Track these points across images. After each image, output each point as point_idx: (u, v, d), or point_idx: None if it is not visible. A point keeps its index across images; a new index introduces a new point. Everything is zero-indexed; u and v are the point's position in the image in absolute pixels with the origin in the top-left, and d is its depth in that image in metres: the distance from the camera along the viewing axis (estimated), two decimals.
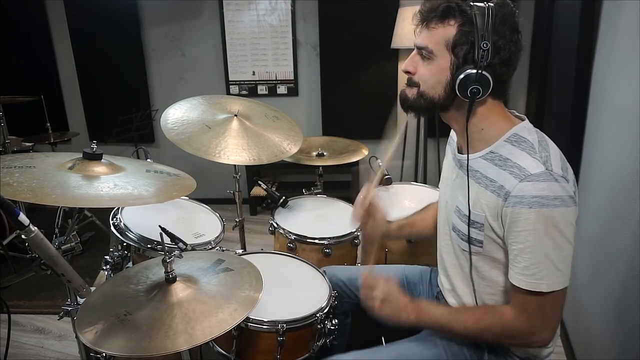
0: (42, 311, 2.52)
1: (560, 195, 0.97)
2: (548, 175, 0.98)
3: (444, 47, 1.03)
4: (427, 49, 1.05)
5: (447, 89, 1.05)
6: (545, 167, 0.99)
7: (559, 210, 0.96)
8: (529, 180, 0.98)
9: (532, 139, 1.05)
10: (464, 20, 1.00)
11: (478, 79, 1.00)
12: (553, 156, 1.02)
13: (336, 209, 2.10)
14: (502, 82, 1.05)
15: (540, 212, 0.96)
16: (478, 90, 1.00)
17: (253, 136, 1.85)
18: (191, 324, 1.07)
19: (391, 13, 3.15)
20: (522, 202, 0.97)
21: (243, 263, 1.35)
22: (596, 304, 1.78)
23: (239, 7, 3.62)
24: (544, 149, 1.03)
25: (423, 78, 1.08)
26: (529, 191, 0.97)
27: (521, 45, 1.03)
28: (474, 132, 1.10)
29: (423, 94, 1.09)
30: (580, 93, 2.00)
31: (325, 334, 1.42)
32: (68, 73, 3.95)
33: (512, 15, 1.01)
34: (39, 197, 1.00)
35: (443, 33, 1.02)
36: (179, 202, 1.92)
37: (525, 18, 3.28)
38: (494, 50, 0.98)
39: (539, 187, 0.97)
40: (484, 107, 1.08)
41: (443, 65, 1.04)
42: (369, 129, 3.66)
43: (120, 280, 1.27)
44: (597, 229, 1.80)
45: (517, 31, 1.02)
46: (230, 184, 2.03)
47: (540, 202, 0.96)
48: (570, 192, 0.99)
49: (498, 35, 0.98)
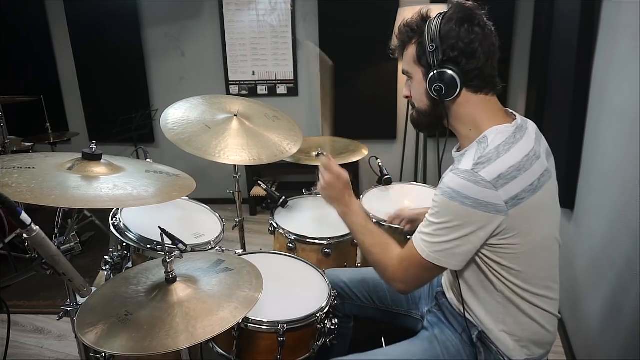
0: (42, 311, 2.52)
1: (470, 196, 0.99)
2: (470, 174, 1.00)
3: (413, 63, 1.15)
4: (405, 71, 1.19)
5: (428, 97, 1.14)
6: (472, 167, 1.01)
7: (466, 209, 1.00)
8: (454, 173, 1.04)
9: (492, 140, 1.06)
10: (419, 35, 1.12)
11: (438, 78, 1.08)
12: (499, 163, 1.01)
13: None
14: (478, 74, 1.07)
15: (447, 202, 1.02)
16: (441, 87, 1.08)
17: (253, 136, 1.85)
18: (192, 322, 1.07)
19: (391, 13, 3.15)
20: (440, 187, 1.05)
21: (243, 263, 1.35)
22: (596, 303, 1.78)
23: (239, 7, 3.62)
24: (495, 154, 1.03)
25: (414, 96, 1.20)
26: (447, 181, 1.04)
27: (480, 33, 1.06)
28: (464, 134, 1.14)
29: (418, 110, 1.20)
30: (580, 93, 2.00)
31: (326, 333, 1.42)
32: (68, 73, 3.96)
33: (461, 11, 1.07)
34: (38, 198, 1.00)
35: (409, 53, 1.16)
36: (179, 202, 1.91)
37: (525, 18, 3.30)
38: (449, 48, 1.06)
39: (456, 181, 1.02)
40: (467, 106, 1.11)
41: (418, 78, 1.15)
42: (369, 129, 3.69)
43: (120, 281, 1.27)
44: (597, 228, 1.79)
45: (469, 22, 1.05)
46: (230, 184, 2.03)
47: (450, 193, 1.02)
48: (491, 200, 0.99)
49: (446, 34, 1.06)
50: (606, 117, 1.81)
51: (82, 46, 3.85)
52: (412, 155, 3.63)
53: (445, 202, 1.03)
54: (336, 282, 1.53)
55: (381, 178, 2.21)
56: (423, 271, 1.12)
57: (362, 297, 1.51)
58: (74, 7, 3.76)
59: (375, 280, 1.51)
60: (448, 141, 1.15)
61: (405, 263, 1.14)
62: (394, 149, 3.79)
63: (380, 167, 2.23)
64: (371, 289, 1.51)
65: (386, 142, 3.79)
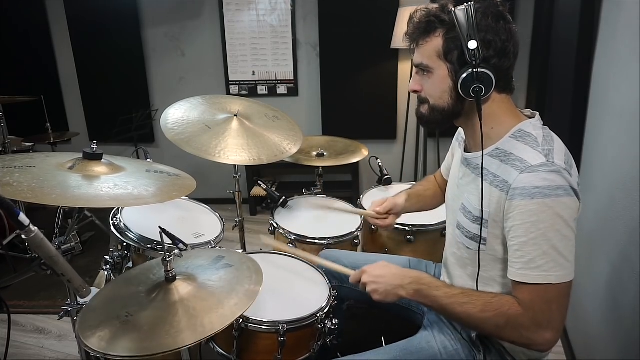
0: (42, 311, 2.52)
1: (562, 185, 0.96)
2: (549, 166, 0.97)
3: (437, 58, 1.06)
4: (423, 64, 1.09)
5: (452, 95, 1.08)
6: (547, 159, 0.98)
7: (563, 200, 0.95)
8: (530, 172, 0.97)
9: (536, 134, 1.05)
10: (447, 28, 1.04)
11: (477, 77, 1.01)
12: (557, 150, 1.02)
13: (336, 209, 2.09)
14: (506, 74, 1.06)
15: (543, 203, 0.95)
16: (480, 88, 1.01)
17: (253, 136, 1.85)
18: (193, 320, 1.07)
19: (391, 13, 3.15)
20: (524, 194, 0.96)
21: (243, 259, 1.35)
22: (596, 303, 1.78)
23: (239, 7, 3.62)
24: (548, 143, 1.03)
25: (429, 92, 1.11)
26: (530, 182, 0.96)
27: (513, 31, 1.03)
28: (484, 132, 1.09)
29: (434, 107, 1.11)
30: (580, 93, 2.00)
31: (326, 333, 1.42)
32: (68, 73, 3.95)
33: (493, 6, 1.03)
34: (39, 197, 1.01)
35: (432, 46, 1.06)
36: (179, 202, 1.92)
37: (525, 18, 3.30)
38: (484, 45, 1.00)
39: (540, 177, 0.96)
40: (492, 105, 1.08)
41: (442, 75, 1.07)
42: (369, 129, 3.70)
43: (120, 283, 1.27)
44: (597, 228, 1.80)
45: (504, 19, 1.02)
46: (230, 184, 2.03)
47: (542, 192, 0.95)
48: (574, 184, 0.98)
49: (483, 30, 1.00)
50: (606, 117, 1.81)
51: (83, 46, 3.85)
52: (412, 155, 3.63)
53: (542, 204, 0.94)
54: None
55: (381, 178, 2.21)
56: (563, 299, 0.99)
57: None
58: (74, 7, 3.76)
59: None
60: (441, 141, 1.13)
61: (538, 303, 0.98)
62: (394, 149, 3.79)
63: (380, 167, 2.23)
64: None
65: (386, 142, 3.79)
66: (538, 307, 0.98)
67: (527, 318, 0.99)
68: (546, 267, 0.96)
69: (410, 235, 1.81)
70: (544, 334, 0.98)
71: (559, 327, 0.99)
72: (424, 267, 1.51)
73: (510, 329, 1.01)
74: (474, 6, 1.01)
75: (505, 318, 1.01)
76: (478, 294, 1.07)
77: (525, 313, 0.99)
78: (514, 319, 1.00)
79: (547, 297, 0.98)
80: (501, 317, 1.01)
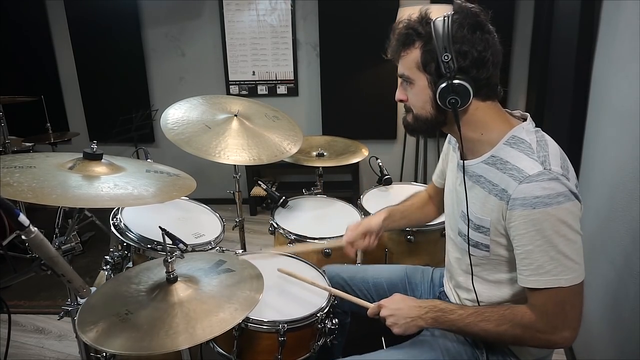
0: (42, 311, 2.52)
1: (562, 191, 0.96)
2: (547, 174, 0.97)
3: (416, 69, 1.08)
4: (405, 75, 1.12)
5: (434, 105, 1.09)
6: (544, 167, 0.99)
7: (564, 206, 0.95)
8: (528, 182, 0.98)
9: (530, 139, 1.05)
10: (424, 40, 1.05)
11: (453, 89, 1.02)
12: (552, 155, 1.02)
13: (336, 209, 2.10)
14: (487, 82, 1.05)
15: (545, 212, 0.95)
16: (456, 100, 1.03)
17: (253, 136, 1.85)
18: (192, 323, 1.07)
19: (391, 13, 3.15)
20: (525, 204, 0.97)
21: (244, 264, 1.35)
22: (596, 303, 1.78)
23: (239, 7, 3.62)
24: (543, 148, 1.03)
25: (412, 102, 1.14)
26: (529, 192, 0.97)
27: (492, 40, 1.03)
28: (475, 139, 1.11)
29: (417, 116, 1.14)
30: (580, 93, 2.00)
31: (326, 333, 1.42)
32: (68, 73, 3.96)
33: (471, 16, 1.02)
34: (39, 197, 1.00)
35: (411, 57, 1.08)
36: (179, 202, 1.92)
37: (525, 18, 3.30)
38: (460, 56, 1.01)
39: (540, 186, 0.96)
40: (477, 113, 1.08)
41: (422, 85, 1.09)
42: (369, 129, 3.70)
43: (121, 280, 1.27)
44: (597, 228, 1.80)
45: (481, 29, 1.02)
46: (230, 184, 2.03)
47: (543, 201, 0.96)
48: (572, 188, 0.98)
49: (459, 42, 1.00)
50: (606, 117, 1.81)
51: (83, 46, 3.85)
52: (412, 155, 3.63)
53: (544, 212, 0.95)
54: (336, 279, 1.53)
55: (381, 178, 2.21)
56: (576, 298, 1.00)
57: (362, 295, 1.51)
58: (75, 7, 3.76)
59: (375, 277, 1.51)
60: (441, 141, 1.12)
61: (551, 306, 1.00)
62: (394, 149, 3.79)
63: (380, 167, 2.23)
64: (371, 286, 1.50)
65: (386, 142, 3.79)
66: (551, 311, 1.00)
67: (543, 323, 1.01)
68: (555, 271, 0.98)
69: (410, 235, 1.81)
70: (562, 334, 1.01)
71: (576, 325, 1.01)
72: (420, 274, 1.50)
73: (528, 336, 1.04)
74: (453, 17, 1.01)
75: (521, 327, 1.03)
76: (491, 310, 1.09)
77: (539, 319, 1.01)
78: (529, 326, 1.02)
79: (559, 300, 0.99)
80: (517, 328, 1.04)
